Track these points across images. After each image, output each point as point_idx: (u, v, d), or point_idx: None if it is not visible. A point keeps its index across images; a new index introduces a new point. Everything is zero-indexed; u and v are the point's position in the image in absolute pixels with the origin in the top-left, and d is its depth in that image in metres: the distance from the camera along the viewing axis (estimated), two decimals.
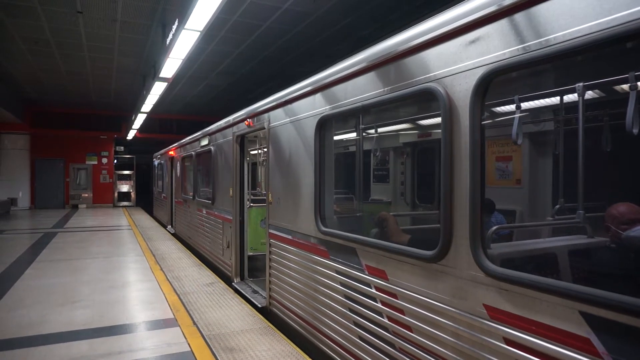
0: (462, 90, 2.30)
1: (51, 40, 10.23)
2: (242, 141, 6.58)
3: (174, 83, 12.83)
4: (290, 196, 4.58)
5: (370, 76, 3.17)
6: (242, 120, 6.18)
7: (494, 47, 2.13)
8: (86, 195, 21.22)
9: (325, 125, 3.90)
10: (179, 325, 4.59)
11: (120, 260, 8.22)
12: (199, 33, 6.78)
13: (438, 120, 2.46)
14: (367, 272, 3.17)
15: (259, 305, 5.29)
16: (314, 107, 4.00)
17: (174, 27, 7.22)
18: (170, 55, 8.08)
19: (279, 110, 4.86)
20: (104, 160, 21.65)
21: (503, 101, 3.68)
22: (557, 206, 3.33)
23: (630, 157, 3.33)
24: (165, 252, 9.03)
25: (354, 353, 3.30)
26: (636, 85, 2.21)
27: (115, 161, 22.67)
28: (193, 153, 10.02)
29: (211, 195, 8.18)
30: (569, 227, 3.00)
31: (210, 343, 4.10)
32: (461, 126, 2.30)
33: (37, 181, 19.98)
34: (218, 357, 3.78)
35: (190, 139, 10.76)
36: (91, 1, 7.96)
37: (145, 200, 23.09)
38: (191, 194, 10.16)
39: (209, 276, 6.90)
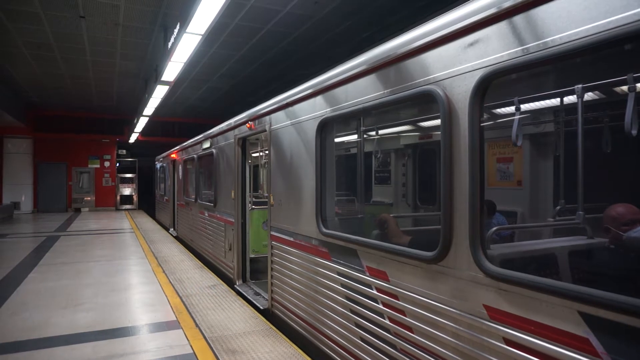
0: (461, 92, 2.31)
1: (54, 44, 10.30)
2: (244, 144, 6.61)
3: (175, 86, 12.89)
4: (291, 198, 4.60)
5: (370, 78, 3.19)
6: (244, 123, 6.21)
7: (493, 49, 2.14)
8: (89, 198, 21.29)
9: (326, 127, 3.91)
10: (182, 328, 4.60)
11: (122, 263, 8.25)
12: (200, 36, 6.82)
13: (438, 122, 2.48)
14: (368, 274, 3.18)
15: (261, 307, 5.30)
16: (315, 110, 4.02)
17: (176, 30, 7.27)
18: (172, 59, 8.14)
19: (280, 113, 4.88)
20: (107, 164, 21.72)
21: (503, 103, 3.70)
22: (558, 207, 3.35)
23: (629, 157, 3.34)
24: (167, 255, 9.06)
25: (355, 354, 3.31)
26: (635, 87, 2.23)
27: (118, 164, 22.76)
28: (195, 156, 10.05)
29: (213, 198, 8.20)
30: (569, 228, 3.01)
31: (212, 345, 4.11)
32: (460, 128, 2.31)
33: (39, 185, 20.06)
34: (220, 359, 3.80)
35: (192, 141, 10.79)
36: (93, 6, 8.03)
37: (147, 203, 23.14)
38: (193, 196, 10.18)
39: (211, 278, 6.92)
